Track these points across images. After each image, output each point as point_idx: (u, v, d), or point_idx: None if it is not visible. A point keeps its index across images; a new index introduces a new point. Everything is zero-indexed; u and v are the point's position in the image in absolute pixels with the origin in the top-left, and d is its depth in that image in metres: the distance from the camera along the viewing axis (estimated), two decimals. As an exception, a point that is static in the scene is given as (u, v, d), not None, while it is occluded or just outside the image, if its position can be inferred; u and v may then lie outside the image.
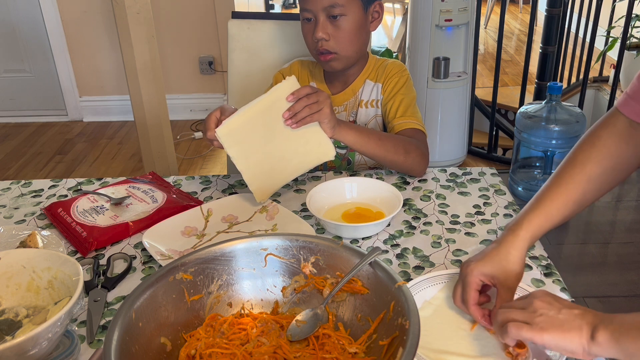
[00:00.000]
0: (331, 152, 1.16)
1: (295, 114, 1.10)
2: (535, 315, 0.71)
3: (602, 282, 1.03)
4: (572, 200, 0.89)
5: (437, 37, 2.88)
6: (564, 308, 0.71)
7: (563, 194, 0.88)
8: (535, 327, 0.70)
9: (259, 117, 1.10)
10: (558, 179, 0.90)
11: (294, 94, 1.10)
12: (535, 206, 0.89)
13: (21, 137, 3.69)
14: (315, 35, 1.24)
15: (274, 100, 1.10)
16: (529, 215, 0.88)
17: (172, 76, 3.72)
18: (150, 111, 2.58)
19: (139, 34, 2.43)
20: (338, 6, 1.22)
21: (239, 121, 1.09)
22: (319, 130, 1.14)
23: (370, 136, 1.20)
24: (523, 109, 1.28)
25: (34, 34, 3.70)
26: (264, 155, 1.13)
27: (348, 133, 1.18)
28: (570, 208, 0.89)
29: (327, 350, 0.75)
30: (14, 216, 1.18)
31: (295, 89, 1.10)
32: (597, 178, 0.89)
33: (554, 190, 0.89)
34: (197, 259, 0.80)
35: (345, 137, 1.18)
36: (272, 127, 1.11)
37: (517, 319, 0.72)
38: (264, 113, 1.10)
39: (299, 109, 1.10)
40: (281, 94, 1.10)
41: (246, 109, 1.09)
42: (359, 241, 1.06)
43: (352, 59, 1.31)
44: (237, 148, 1.11)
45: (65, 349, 0.77)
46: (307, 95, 1.10)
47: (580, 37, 3.25)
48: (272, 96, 1.10)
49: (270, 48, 1.57)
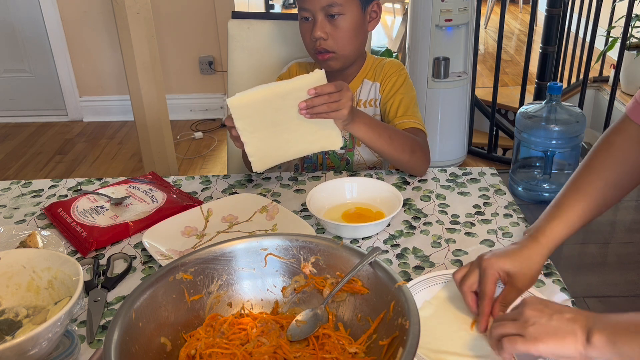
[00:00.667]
0: (339, 143, 1.14)
1: (312, 107, 1.07)
2: (527, 325, 0.70)
3: (602, 282, 1.03)
4: (591, 207, 0.89)
5: (437, 37, 2.88)
6: (555, 314, 0.70)
7: (582, 201, 0.89)
8: (529, 338, 0.70)
9: (274, 100, 1.07)
10: (576, 186, 0.91)
11: (316, 89, 1.06)
12: (556, 214, 0.89)
13: (21, 137, 3.69)
14: (314, 34, 1.24)
15: (295, 89, 1.06)
16: (551, 223, 0.88)
17: (172, 76, 3.72)
18: (150, 111, 2.58)
19: (139, 34, 2.43)
20: (336, 5, 1.22)
21: (253, 97, 1.05)
22: (331, 123, 1.11)
23: (382, 133, 1.19)
24: (523, 109, 1.28)
25: (34, 34, 3.70)
26: (270, 134, 1.10)
27: (360, 129, 1.17)
28: (589, 214, 0.90)
29: (327, 350, 0.75)
30: (14, 216, 1.18)
31: (320, 84, 1.07)
32: (614, 184, 0.90)
33: (572, 197, 0.90)
34: (197, 259, 0.80)
35: (357, 132, 1.17)
36: (284, 112, 1.08)
37: (511, 332, 0.72)
38: (281, 97, 1.06)
39: (317, 103, 1.06)
40: (304, 85, 1.06)
41: (264, 88, 1.06)
42: (359, 241, 1.06)
43: (350, 58, 1.31)
44: (245, 121, 1.08)
45: (65, 349, 0.77)
46: (330, 93, 1.07)
47: (580, 37, 3.25)
48: (294, 84, 1.06)
49: (270, 48, 1.57)
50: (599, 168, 0.91)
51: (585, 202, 0.89)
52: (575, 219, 0.88)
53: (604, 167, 0.91)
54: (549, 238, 0.87)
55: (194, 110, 3.85)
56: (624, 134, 0.92)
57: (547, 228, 0.87)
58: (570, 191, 0.91)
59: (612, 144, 0.92)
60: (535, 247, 0.86)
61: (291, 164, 1.45)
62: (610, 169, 0.91)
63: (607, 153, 0.92)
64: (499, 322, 0.75)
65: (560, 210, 0.89)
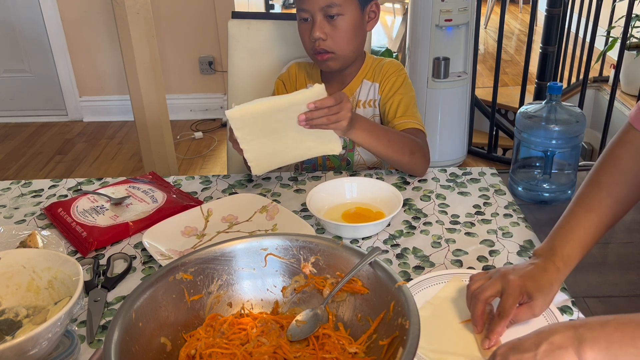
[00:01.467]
0: (337, 149, 1.15)
1: (312, 120, 1.08)
2: None
3: (602, 282, 1.03)
4: (603, 225, 0.89)
5: (437, 37, 2.88)
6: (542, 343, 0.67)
7: (595, 221, 0.89)
8: None
9: (274, 113, 1.08)
10: (586, 204, 0.90)
11: (315, 103, 1.06)
12: (570, 236, 0.88)
13: (21, 137, 3.69)
14: (313, 35, 1.24)
15: (294, 103, 1.07)
16: (567, 247, 0.87)
17: (172, 76, 3.72)
18: (150, 111, 2.58)
19: (139, 34, 2.43)
20: (335, 6, 1.22)
21: (252, 110, 1.06)
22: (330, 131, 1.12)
23: (381, 137, 1.20)
24: (523, 109, 1.28)
25: (34, 34, 3.70)
26: (269, 141, 1.11)
27: (359, 135, 1.17)
28: (601, 232, 0.90)
29: (327, 350, 0.75)
30: (14, 216, 1.18)
31: (320, 97, 1.07)
32: (624, 198, 0.90)
33: (585, 217, 0.89)
34: (197, 259, 0.80)
35: (355, 138, 1.18)
36: (284, 123, 1.09)
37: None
38: (280, 111, 1.08)
39: (316, 116, 1.07)
40: (303, 99, 1.07)
41: (264, 102, 1.07)
42: (359, 241, 1.06)
43: (349, 58, 1.31)
44: (244, 130, 1.09)
45: (65, 349, 0.77)
46: (329, 107, 1.07)
47: (580, 37, 3.26)
48: (294, 99, 1.07)
49: (270, 48, 1.57)
50: (608, 184, 0.90)
51: (598, 221, 0.89)
52: (589, 240, 0.88)
53: (613, 182, 0.90)
54: (567, 264, 0.86)
55: (194, 110, 3.85)
56: (629, 146, 0.91)
57: (564, 253, 0.87)
58: (582, 210, 0.90)
59: (619, 158, 0.91)
60: (555, 274, 0.85)
61: (291, 164, 1.45)
62: (619, 184, 0.90)
63: (615, 168, 0.91)
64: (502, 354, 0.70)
65: (574, 232, 0.88)
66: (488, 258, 1.00)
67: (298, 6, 1.26)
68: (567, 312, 0.87)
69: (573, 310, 0.87)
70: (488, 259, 1.00)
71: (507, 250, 1.02)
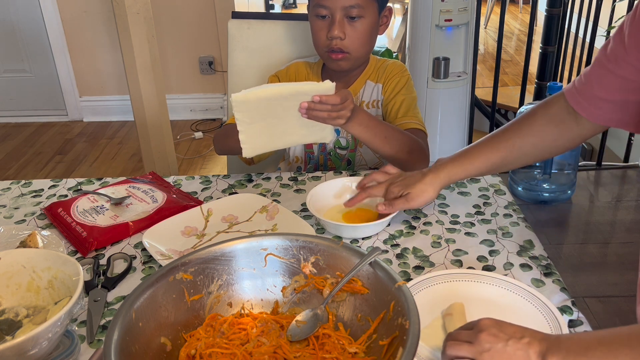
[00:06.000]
0: (329, 137, 1.16)
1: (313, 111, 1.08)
2: (482, 350, 0.69)
3: (602, 282, 1.03)
4: (490, 163, 1.05)
5: (437, 37, 2.88)
6: (510, 339, 0.69)
7: (484, 156, 1.05)
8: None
9: (279, 100, 1.08)
10: (487, 141, 1.06)
11: (321, 97, 1.06)
12: (459, 161, 1.06)
13: (21, 137, 3.69)
14: (332, 33, 1.23)
15: (300, 92, 1.07)
16: (451, 165, 1.06)
17: (172, 76, 3.72)
18: (150, 111, 2.58)
19: (139, 34, 2.42)
20: (358, 7, 1.22)
21: (257, 95, 1.06)
22: None
23: (378, 133, 1.20)
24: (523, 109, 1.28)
25: (34, 34, 3.70)
26: (266, 125, 1.11)
27: (355, 129, 1.18)
28: (486, 168, 1.06)
29: (327, 350, 0.75)
30: (14, 216, 1.18)
31: (328, 93, 1.07)
32: (517, 150, 1.03)
33: (478, 150, 1.06)
34: (197, 259, 0.80)
35: (352, 131, 1.18)
36: (286, 111, 1.09)
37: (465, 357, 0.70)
38: (285, 98, 1.08)
39: (318, 109, 1.07)
40: (310, 91, 1.07)
41: (270, 87, 1.08)
42: (359, 241, 1.06)
43: (360, 60, 1.31)
44: (244, 114, 1.09)
45: (65, 349, 0.77)
46: (333, 105, 1.07)
47: (580, 37, 3.25)
48: (302, 88, 1.08)
49: (270, 48, 1.57)
50: (511, 133, 1.04)
51: (487, 158, 1.04)
52: (472, 169, 1.06)
53: (515, 134, 1.04)
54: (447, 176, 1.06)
55: (194, 110, 3.85)
56: (547, 108, 1.02)
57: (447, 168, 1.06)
58: (481, 145, 1.06)
59: (534, 115, 1.03)
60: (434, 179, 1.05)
61: (293, 165, 1.45)
62: (520, 137, 1.03)
63: (525, 121, 1.04)
64: (453, 342, 0.72)
65: (464, 159, 1.06)
66: (488, 258, 1.00)
67: (316, 2, 1.25)
68: (567, 312, 0.87)
69: (573, 310, 0.87)
70: (488, 259, 1.00)
71: (507, 250, 1.02)
